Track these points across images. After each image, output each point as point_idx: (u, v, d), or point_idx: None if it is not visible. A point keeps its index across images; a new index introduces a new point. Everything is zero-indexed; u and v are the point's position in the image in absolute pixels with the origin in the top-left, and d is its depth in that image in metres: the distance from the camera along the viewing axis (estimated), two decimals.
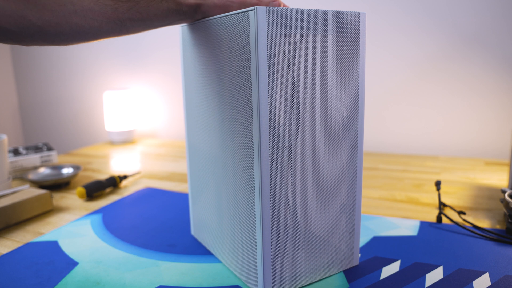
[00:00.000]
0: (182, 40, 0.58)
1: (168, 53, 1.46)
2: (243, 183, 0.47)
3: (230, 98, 0.47)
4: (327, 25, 0.44)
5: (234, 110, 0.46)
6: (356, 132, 0.49)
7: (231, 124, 0.48)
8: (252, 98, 0.42)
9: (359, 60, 0.48)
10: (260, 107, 0.41)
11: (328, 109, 0.46)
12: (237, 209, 0.49)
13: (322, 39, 0.44)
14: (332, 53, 0.46)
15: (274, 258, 0.45)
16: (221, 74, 0.48)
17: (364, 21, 0.47)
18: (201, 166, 0.58)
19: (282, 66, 0.42)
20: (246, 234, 0.47)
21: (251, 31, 0.41)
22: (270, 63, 0.41)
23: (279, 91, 0.42)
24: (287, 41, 0.42)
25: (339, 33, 0.45)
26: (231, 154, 0.48)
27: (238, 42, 0.44)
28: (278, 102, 0.43)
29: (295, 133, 0.44)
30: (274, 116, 0.43)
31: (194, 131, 0.58)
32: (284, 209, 0.45)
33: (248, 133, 0.44)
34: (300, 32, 0.43)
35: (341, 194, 0.50)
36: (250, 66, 0.42)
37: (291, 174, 0.45)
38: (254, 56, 0.41)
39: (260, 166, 0.43)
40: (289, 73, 0.43)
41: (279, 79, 0.42)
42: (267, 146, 0.42)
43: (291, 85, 0.43)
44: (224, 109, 0.49)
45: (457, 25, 1.05)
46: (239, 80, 0.44)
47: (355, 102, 0.48)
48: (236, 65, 0.45)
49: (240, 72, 0.44)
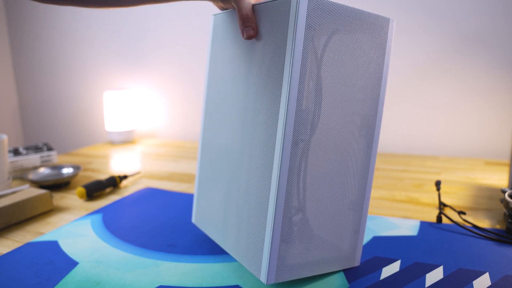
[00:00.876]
0: (213, 30, 0.59)
1: (168, 53, 1.46)
2: (258, 165, 0.47)
3: (257, 80, 0.48)
4: (360, 24, 0.46)
5: (261, 92, 0.47)
6: (373, 132, 0.50)
7: (255, 106, 0.48)
8: (283, 79, 0.43)
9: (384, 63, 0.49)
10: (290, 88, 0.43)
11: (348, 107, 0.47)
12: (247, 192, 0.49)
13: (352, 38, 0.46)
14: (359, 54, 0.47)
15: (282, 242, 0.46)
16: (251, 58, 0.50)
17: (393, 27, 0.49)
18: (214, 151, 0.58)
19: (311, 59, 0.44)
20: (254, 218, 0.48)
21: (291, 16, 0.43)
22: (305, 48, 0.43)
23: (307, 78, 0.44)
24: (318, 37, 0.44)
25: (368, 34, 0.47)
26: (251, 137, 0.49)
27: (275, 27, 0.45)
28: (305, 88, 0.44)
29: (313, 127, 0.45)
30: (302, 100, 0.44)
31: (212, 115, 0.59)
32: (295, 197, 0.46)
33: (273, 115, 0.45)
34: (335, 24, 0.44)
35: (351, 191, 0.50)
36: (285, 48, 0.43)
37: (304, 166, 0.46)
38: (291, 40, 0.42)
39: (282, 147, 0.43)
40: (315, 68, 0.44)
41: (308, 69, 0.44)
42: (291, 128, 0.43)
43: (317, 79, 0.44)
44: (250, 91, 0.50)
45: (458, 25, 1.05)
46: (271, 62, 0.46)
47: (375, 103, 0.50)
48: (270, 48, 0.46)
49: (274, 54, 0.45)
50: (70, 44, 1.64)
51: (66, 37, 1.65)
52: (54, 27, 1.66)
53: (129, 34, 1.51)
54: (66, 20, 1.63)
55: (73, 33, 1.62)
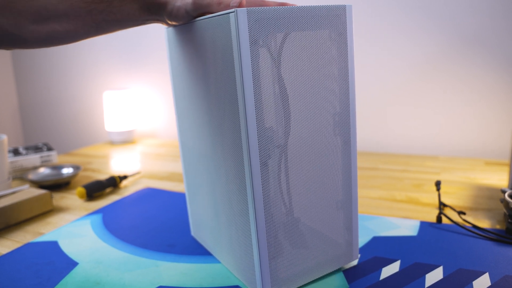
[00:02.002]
0: (168, 42, 0.57)
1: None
2: (235, 185, 0.46)
3: (216, 101, 0.46)
4: (312, 21, 0.43)
5: (221, 112, 0.46)
6: (349, 128, 0.48)
7: (220, 127, 0.47)
8: (238, 101, 0.41)
9: (347, 54, 0.46)
10: (246, 109, 0.40)
11: (318, 106, 0.46)
12: (231, 210, 0.49)
13: (308, 35, 0.43)
14: (319, 49, 0.44)
15: (271, 259, 0.45)
16: (206, 76, 0.48)
17: (351, 13, 0.46)
18: (195, 167, 0.57)
19: (268, 65, 0.41)
20: (242, 235, 0.47)
21: (232, 33, 0.40)
22: (254, 65, 0.40)
23: (266, 91, 0.41)
24: (273, 39, 0.41)
25: (325, 28, 0.44)
26: (222, 155, 0.48)
27: (220, 45, 0.43)
28: (266, 102, 0.42)
29: (287, 132, 0.44)
30: (263, 118, 0.42)
31: (186, 132, 0.58)
32: (279, 208, 0.45)
33: (236, 137, 0.43)
34: (284, 30, 0.41)
35: (336, 191, 0.49)
36: (234, 68, 0.41)
37: (285, 172, 0.45)
38: (237, 59, 0.40)
39: (251, 169, 0.42)
40: (276, 72, 0.42)
41: (266, 79, 0.41)
42: (256, 149, 0.42)
43: (279, 84, 0.42)
44: (212, 111, 0.48)
45: (457, 25, 1.05)
46: (224, 82, 0.44)
47: (346, 98, 0.47)
48: (221, 67, 0.44)
49: (224, 75, 0.43)
50: (70, 44, 1.64)
51: None
52: None
53: (129, 34, 1.51)
54: None
55: None
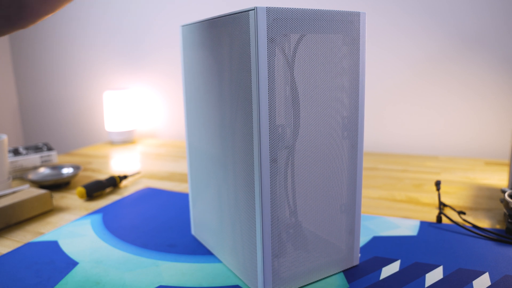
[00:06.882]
0: (183, 40, 0.58)
1: (168, 53, 1.46)
2: (243, 183, 0.47)
3: (230, 98, 0.47)
4: (327, 25, 0.44)
5: (234, 110, 0.47)
6: (356, 132, 0.49)
7: (231, 124, 0.48)
8: (252, 98, 0.42)
9: (359, 60, 0.48)
10: (260, 107, 0.41)
11: (328, 109, 0.46)
12: (237, 209, 0.49)
13: (322, 39, 0.45)
14: (332, 53, 0.46)
15: (274, 258, 0.45)
16: (221, 74, 0.48)
17: (364, 21, 0.47)
18: (201, 166, 0.58)
19: (282, 66, 0.42)
20: (246, 234, 0.47)
21: (251, 31, 0.41)
22: (270, 63, 0.41)
23: (279, 91, 0.42)
24: (287, 40, 0.42)
25: (339, 33, 0.46)
26: (231, 154, 0.48)
27: (238, 42, 0.44)
28: (278, 102, 0.43)
29: (295, 133, 0.44)
30: (274, 116, 0.43)
31: (194, 131, 0.58)
32: (284, 209, 0.45)
33: (248, 133, 0.44)
34: (300, 31, 0.43)
35: (341, 194, 0.50)
36: (250, 66, 0.42)
37: (291, 173, 0.45)
38: (254, 56, 0.41)
39: (260, 166, 0.43)
40: (289, 73, 0.43)
41: (279, 78, 0.42)
42: (267, 146, 0.43)
43: (291, 85, 0.43)
44: (224, 109, 0.49)
45: (457, 25, 1.05)
46: (239, 80, 0.44)
47: (355, 102, 0.48)
48: (236, 64, 0.45)
49: (240, 72, 0.44)
50: (70, 44, 1.64)
51: (66, 37, 1.65)
52: (54, 27, 1.66)
53: (129, 34, 1.51)
54: (66, 20, 1.63)
55: (73, 33, 1.62)
